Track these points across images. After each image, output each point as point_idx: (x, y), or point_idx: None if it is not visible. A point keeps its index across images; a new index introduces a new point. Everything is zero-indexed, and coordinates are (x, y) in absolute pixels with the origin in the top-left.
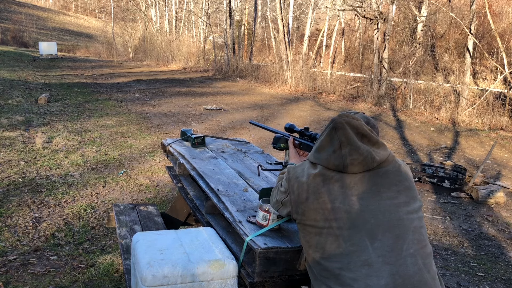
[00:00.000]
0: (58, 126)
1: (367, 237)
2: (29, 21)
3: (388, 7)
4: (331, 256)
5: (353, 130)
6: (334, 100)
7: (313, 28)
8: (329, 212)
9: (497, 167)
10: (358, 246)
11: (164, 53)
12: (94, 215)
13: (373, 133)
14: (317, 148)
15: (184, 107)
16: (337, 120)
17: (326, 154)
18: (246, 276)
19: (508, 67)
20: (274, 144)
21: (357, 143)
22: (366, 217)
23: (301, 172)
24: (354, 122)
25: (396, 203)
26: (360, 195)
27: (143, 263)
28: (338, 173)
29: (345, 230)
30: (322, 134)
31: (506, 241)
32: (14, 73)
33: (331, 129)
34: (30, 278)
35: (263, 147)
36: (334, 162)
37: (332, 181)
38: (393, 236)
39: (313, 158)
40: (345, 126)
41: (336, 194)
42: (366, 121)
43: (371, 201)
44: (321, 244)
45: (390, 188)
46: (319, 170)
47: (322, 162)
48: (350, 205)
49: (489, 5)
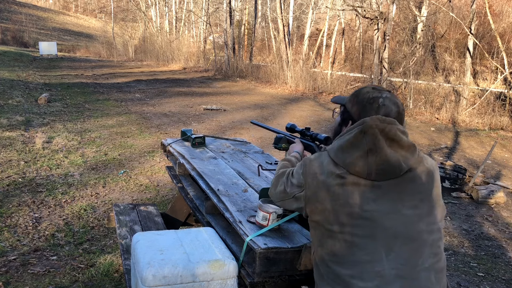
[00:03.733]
0: (58, 126)
1: (383, 248)
2: (29, 21)
3: (388, 7)
4: (343, 262)
5: (384, 136)
6: None
7: (313, 28)
8: (347, 217)
9: (497, 167)
10: (372, 256)
11: (164, 53)
12: (94, 215)
13: (404, 134)
14: (341, 147)
15: (184, 107)
16: (368, 124)
17: (351, 158)
18: (246, 276)
19: (508, 67)
20: (275, 144)
21: (386, 151)
22: (385, 227)
23: (319, 168)
24: (385, 127)
25: (418, 213)
26: (382, 203)
27: (143, 263)
28: (361, 178)
29: (361, 238)
30: (348, 131)
31: (506, 241)
32: (14, 73)
33: (360, 131)
34: (30, 278)
35: (263, 147)
36: (359, 169)
37: (354, 186)
38: (409, 249)
39: (335, 156)
40: (376, 132)
41: (356, 199)
42: (396, 109)
43: (393, 211)
44: (334, 247)
45: (414, 196)
46: (341, 172)
47: (345, 165)
48: (370, 213)
49: (489, 5)
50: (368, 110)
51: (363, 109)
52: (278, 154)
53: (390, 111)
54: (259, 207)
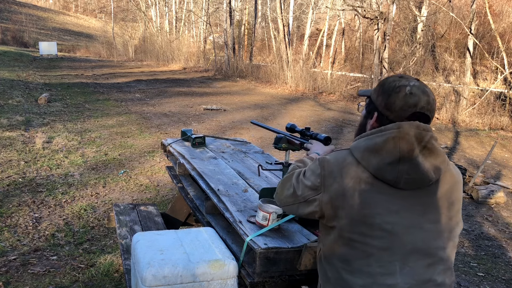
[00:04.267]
0: (58, 126)
1: (399, 262)
2: (29, 21)
3: (388, 7)
4: (355, 271)
5: (419, 144)
6: (334, 100)
7: (313, 28)
8: (367, 227)
9: (498, 167)
10: (386, 269)
11: (164, 53)
12: (94, 215)
13: (436, 141)
14: (369, 149)
15: (184, 107)
16: (405, 130)
17: (379, 163)
18: (246, 276)
19: (509, 67)
20: (276, 144)
21: (419, 160)
22: (403, 242)
23: (340, 169)
24: (422, 135)
25: (439, 229)
26: (405, 215)
27: (143, 263)
28: (386, 185)
29: (378, 250)
30: (379, 132)
31: (506, 241)
32: (14, 73)
33: (395, 136)
34: (30, 278)
35: (263, 147)
36: (387, 175)
37: (379, 194)
38: (425, 265)
39: (361, 158)
40: (412, 140)
41: (379, 209)
42: (426, 98)
43: (414, 225)
44: (348, 256)
45: (437, 209)
46: (366, 175)
47: (371, 169)
48: (391, 226)
49: (489, 5)
50: (394, 100)
51: (388, 98)
52: (278, 154)
53: (419, 100)
54: (259, 207)
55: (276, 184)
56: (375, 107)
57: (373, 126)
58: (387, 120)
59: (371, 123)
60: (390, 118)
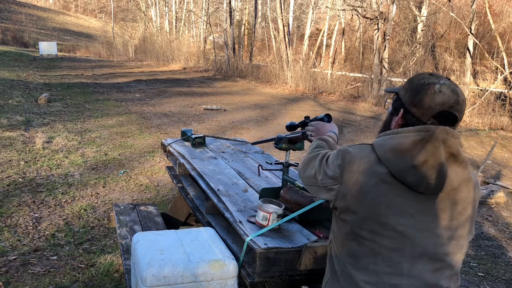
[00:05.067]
0: (58, 126)
1: (407, 264)
2: (29, 21)
3: (388, 7)
4: (362, 268)
5: (445, 149)
6: (334, 100)
7: (313, 28)
8: (380, 226)
9: (498, 167)
10: (393, 269)
11: (164, 53)
12: (94, 215)
13: (462, 147)
14: (393, 149)
15: (184, 107)
16: (435, 134)
17: (403, 165)
18: (247, 276)
19: (509, 67)
20: (276, 144)
21: (443, 167)
22: (414, 244)
23: (361, 165)
24: (451, 141)
25: (451, 235)
26: (419, 219)
27: (143, 263)
28: (405, 187)
29: (388, 250)
30: (406, 131)
31: (506, 241)
32: (14, 73)
33: (423, 139)
34: (30, 278)
35: (263, 147)
36: (408, 178)
37: (396, 194)
38: (432, 269)
39: (384, 157)
40: (440, 145)
41: (395, 209)
42: (456, 98)
43: (427, 229)
44: (356, 252)
45: (452, 216)
46: (386, 175)
47: (393, 169)
48: (404, 227)
49: (490, 5)
50: (422, 97)
51: (416, 95)
52: (278, 154)
53: (448, 99)
54: (259, 207)
55: (276, 184)
56: (401, 104)
57: (398, 123)
58: (413, 118)
59: (396, 120)
60: (417, 115)
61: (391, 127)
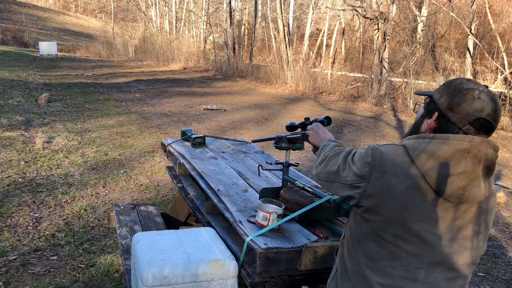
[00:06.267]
0: (58, 126)
1: (424, 270)
2: (29, 21)
3: (388, 7)
4: (378, 269)
5: (484, 162)
6: (334, 100)
7: (314, 28)
8: (403, 231)
9: (498, 167)
10: (410, 274)
11: (164, 53)
12: (94, 215)
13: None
14: (431, 152)
15: (184, 107)
16: (476, 146)
17: (437, 171)
18: (247, 276)
19: (509, 67)
20: (276, 143)
21: (478, 180)
22: (434, 252)
23: (390, 165)
24: (491, 155)
25: (470, 246)
26: (443, 226)
27: (143, 263)
28: (434, 193)
29: (407, 255)
30: (445, 138)
31: (506, 241)
32: (14, 73)
33: (465, 149)
34: (30, 278)
35: (263, 147)
36: (441, 186)
37: (424, 200)
38: (447, 278)
39: (418, 159)
40: (481, 158)
41: (420, 216)
42: (494, 106)
43: (449, 238)
44: (375, 253)
45: (474, 227)
46: (418, 180)
47: (426, 174)
48: (427, 234)
49: (490, 5)
50: (460, 102)
51: (453, 99)
52: (279, 154)
53: (486, 106)
54: (259, 207)
55: (276, 184)
56: (436, 107)
57: (431, 127)
58: (448, 122)
59: (429, 123)
60: (453, 120)
61: (422, 130)
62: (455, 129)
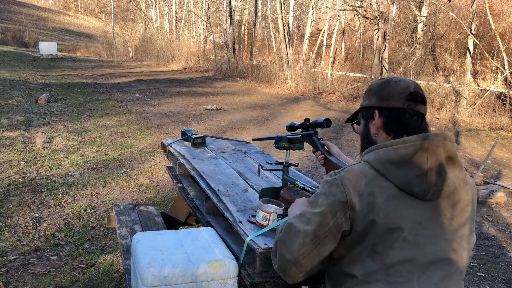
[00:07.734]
0: (58, 126)
1: (418, 271)
2: (30, 21)
3: (388, 7)
4: (374, 281)
5: (445, 154)
6: (334, 100)
7: (314, 28)
8: (393, 240)
9: (498, 167)
10: (405, 279)
11: (164, 53)
12: (94, 215)
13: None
14: (392, 162)
15: (185, 107)
16: (433, 142)
17: (407, 176)
18: (247, 276)
19: (509, 67)
20: (276, 143)
21: (446, 171)
22: (425, 252)
23: (364, 184)
24: (448, 145)
25: (458, 239)
26: (428, 227)
27: (143, 263)
28: (411, 197)
29: (400, 262)
30: (402, 142)
31: (506, 241)
32: (14, 73)
33: (422, 148)
34: (30, 278)
35: (263, 147)
36: (415, 188)
37: (405, 207)
38: (442, 274)
39: (385, 171)
40: (440, 152)
41: (406, 222)
42: (414, 84)
43: (436, 236)
44: (369, 268)
45: (456, 219)
46: (391, 189)
47: (397, 181)
48: (415, 238)
49: (490, 5)
50: (388, 90)
51: (381, 91)
52: (279, 154)
53: (408, 84)
54: (259, 207)
55: (276, 184)
56: (372, 108)
57: (378, 125)
58: (390, 110)
59: (375, 123)
60: (392, 105)
61: (372, 135)
62: (400, 112)
